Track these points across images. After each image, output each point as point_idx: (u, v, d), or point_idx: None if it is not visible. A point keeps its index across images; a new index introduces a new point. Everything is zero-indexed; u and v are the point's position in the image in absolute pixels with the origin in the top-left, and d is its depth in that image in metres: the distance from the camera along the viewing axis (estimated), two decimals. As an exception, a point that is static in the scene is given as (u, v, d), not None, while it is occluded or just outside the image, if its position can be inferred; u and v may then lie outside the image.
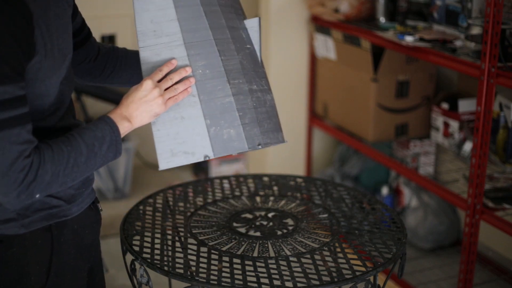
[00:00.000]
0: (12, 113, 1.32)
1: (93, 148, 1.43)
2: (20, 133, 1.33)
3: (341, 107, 3.29)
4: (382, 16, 3.03)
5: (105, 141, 1.45)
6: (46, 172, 1.36)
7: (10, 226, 1.45)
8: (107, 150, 1.45)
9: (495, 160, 2.63)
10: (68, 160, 1.39)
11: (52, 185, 1.38)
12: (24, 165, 1.33)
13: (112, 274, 2.96)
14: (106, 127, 1.46)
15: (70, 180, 1.41)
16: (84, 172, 1.43)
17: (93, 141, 1.43)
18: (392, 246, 1.82)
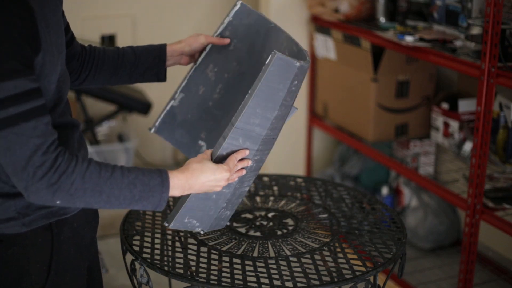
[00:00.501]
0: (25, 106, 1.31)
1: (132, 189, 1.39)
2: (36, 126, 1.32)
3: (341, 107, 3.29)
4: (382, 16, 3.03)
5: (148, 190, 1.40)
6: (71, 182, 1.33)
7: (11, 225, 1.45)
8: (147, 200, 1.41)
9: (495, 160, 2.63)
10: (98, 184, 1.36)
11: (75, 199, 1.35)
12: (43, 160, 1.31)
13: (112, 274, 2.96)
14: (157, 180, 1.41)
15: (96, 204, 1.38)
16: (114, 205, 1.39)
17: (137, 183, 1.39)
18: (392, 246, 1.82)
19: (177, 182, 1.44)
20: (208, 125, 1.87)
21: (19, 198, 1.44)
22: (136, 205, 1.41)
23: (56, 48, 1.43)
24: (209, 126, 1.87)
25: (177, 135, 1.86)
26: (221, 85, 1.86)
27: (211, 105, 1.87)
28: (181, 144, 1.88)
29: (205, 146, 1.87)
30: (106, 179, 1.36)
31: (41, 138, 1.32)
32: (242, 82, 1.83)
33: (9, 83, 1.30)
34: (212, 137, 1.86)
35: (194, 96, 1.86)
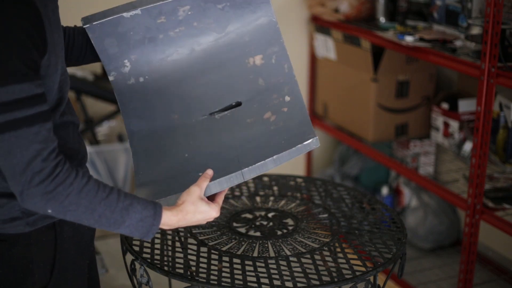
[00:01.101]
0: (30, 111, 1.31)
1: (124, 215, 1.39)
2: (39, 131, 1.32)
3: (341, 107, 3.29)
4: (382, 16, 3.03)
5: (140, 219, 1.41)
6: (66, 194, 1.34)
7: (15, 224, 1.45)
8: (135, 228, 1.42)
9: (495, 160, 2.63)
10: (93, 202, 1.36)
11: (67, 212, 1.35)
12: (42, 167, 1.31)
13: (112, 274, 2.96)
14: (150, 212, 1.43)
15: (86, 221, 1.38)
16: (102, 225, 1.39)
17: (130, 209, 1.40)
18: (392, 246, 1.82)
19: (167, 221, 1.45)
20: (144, 49, 1.74)
21: None
22: (124, 230, 1.41)
23: (59, 47, 1.44)
24: (145, 50, 1.74)
25: (106, 42, 1.71)
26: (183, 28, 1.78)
27: (161, 38, 1.75)
28: (104, 53, 1.72)
29: (129, 68, 1.73)
30: (101, 199, 1.37)
31: (42, 144, 1.32)
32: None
33: (16, 87, 1.30)
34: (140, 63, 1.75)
35: (149, 19, 1.73)
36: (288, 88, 1.76)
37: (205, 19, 1.70)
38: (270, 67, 1.77)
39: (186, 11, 1.67)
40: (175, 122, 1.71)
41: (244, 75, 1.76)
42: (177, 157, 1.69)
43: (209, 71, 1.75)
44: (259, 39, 1.77)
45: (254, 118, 1.73)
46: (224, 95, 1.75)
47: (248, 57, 1.76)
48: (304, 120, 1.70)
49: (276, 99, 1.75)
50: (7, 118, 1.30)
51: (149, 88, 1.71)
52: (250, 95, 1.75)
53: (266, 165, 1.58)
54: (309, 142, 1.61)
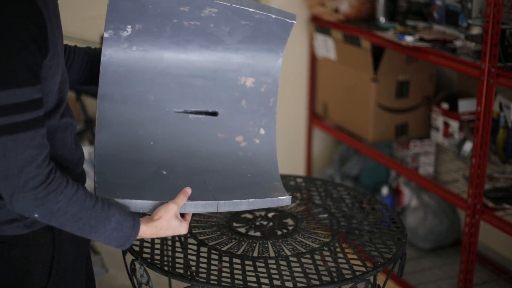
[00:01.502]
0: (27, 116, 1.32)
1: (107, 224, 1.43)
2: (34, 136, 1.33)
3: (341, 107, 3.29)
4: (382, 16, 3.03)
5: (120, 229, 1.45)
6: (56, 201, 1.36)
7: (13, 226, 1.45)
8: (114, 238, 1.46)
9: (495, 160, 2.63)
10: (80, 211, 1.39)
11: (53, 218, 1.38)
12: (37, 173, 1.33)
13: (112, 274, 2.96)
14: (130, 223, 1.47)
15: (69, 227, 1.41)
16: (83, 233, 1.43)
17: (112, 219, 1.44)
18: (392, 246, 1.82)
19: (142, 233, 1.51)
20: (153, 24, 1.71)
21: None
22: (104, 239, 1.45)
23: (59, 46, 1.44)
24: (152, 26, 1.71)
25: (122, 2, 1.65)
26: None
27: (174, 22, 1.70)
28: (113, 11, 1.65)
29: (129, 33, 1.69)
30: (88, 209, 1.40)
31: (37, 149, 1.33)
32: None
33: (16, 91, 1.30)
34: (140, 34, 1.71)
35: (174, 3, 1.72)
36: (266, 121, 1.83)
37: (223, 26, 1.73)
38: (257, 94, 1.82)
39: (211, 12, 1.69)
40: (148, 103, 1.72)
41: (230, 90, 1.80)
42: (142, 140, 1.71)
43: (200, 72, 1.77)
44: (259, 65, 1.82)
45: (225, 135, 1.79)
46: (204, 99, 1.78)
47: (241, 76, 1.81)
48: (272, 162, 1.82)
49: (252, 126, 1.82)
50: (5, 122, 1.30)
51: (137, 60, 1.71)
52: (229, 111, 1.80)
53: (240, 205, 1.67)
54: (283, 199, 1.73)
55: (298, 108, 3.54)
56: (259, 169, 1.80)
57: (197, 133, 1.76)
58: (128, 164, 1.66)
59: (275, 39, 1.79)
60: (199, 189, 1.65)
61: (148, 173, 1.66)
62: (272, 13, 1.73)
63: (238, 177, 1.75)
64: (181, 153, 1.73)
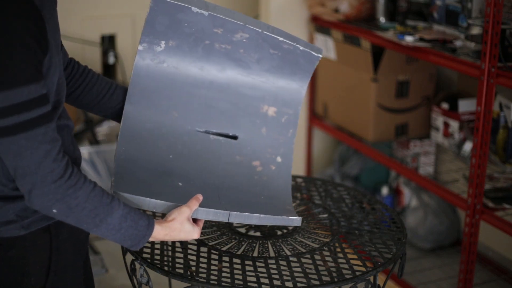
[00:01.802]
0: (37, 112, 1.33)
1: (123, 221, 1.44)
2: (46, 131, 1.34)
3: (341, 107, 3.29)
4: (382, 16, 3.03)
5: (135, 227, 1.46)
6: (75, 196, 1.37)
7: (10, 228, 1.45)
8: (129, 236, 1.46)
9: (495, 160, 2.63)
10: (98, 207, 1.40)
11: (71, 214, 1.38)
12: (54, 167, 1.34)
13: (112, 274, 2.96)
14: (145, 222, 1.48)
15: (85, 224, 1.41)
16: (99, 230, 1.43)
17: (128, 217, 1.45)
18: (392, 246, 1.82)
19: (156, 235, 1.51)
20: (186, 43, 1.74)
21: (18, 201, 1.44)
22: (118, 237, 1.45)
23: (55, 48, 1.44)
24: (185, 44, 1.74)
25: (159, 18, 1.69)
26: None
27: (206, 43, 1.75)
28: (150, 25, 1.69)
29: (162, 49, 1.73)
30: (105, 205, 1.41)
31: (50, 144, 1.34)
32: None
33: (24, 89, 1.31)
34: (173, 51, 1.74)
35: (209, 24, 1.76)
36: (283, 150, 1.88)
37: (252, 53, 1.77)
38: (278, 123, 1.87)
39: (242, 37, 1.73)
40: (173, 119, 1.75)
41: (252, 117, 1.85)
42: (162, 153, 1.74)
43: (224, 96, 1.82)
44: (283, 95, 1.86)
45: (243, 158, 1.83)
46: (226, 122, 1.82)
47: (264, 104, 1.85)
48: (286, 189, 1.85)
49: (269, 154, 1.86)
50: (16, 120, 1.31)
51: (167, 76, 1.75)
52: (249, 136, 1.85)
53: (251, 218, 1.71)
54: (294, 219, 1.77)
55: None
56: (272, 193, 1.84)
57: (216, 153, 1.81)
58: (146, 172, 1.68)
59: (300, 71, 1.84)
60: (212, 202, 1.69)
61: (164, 181, 1.69)
62: (300, 45, 1.78)
63: (251, 196, 1.80)
64: (198, 170, 1.77)
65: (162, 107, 1.74)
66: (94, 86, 1.70)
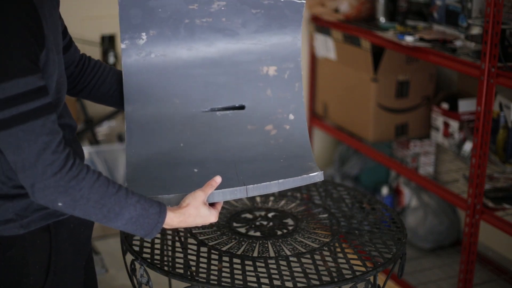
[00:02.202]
0: (35, 104, 1.32)
1: (132, 211, 1.41)
2: (45, 123, 1.33)
3: (341, 107, 3.29)
4: (382, 16, 3.03)
5: (146, 216, 1.43)
6: (79, 188, 1.35)
7: (9, 227, 1.45)
8: (141, 225, 1.43)
9: (495, 160, 2.63)
10: (103, 197, 1.37)
11: (77, 206, 1.36)
12: (54, 159, 1.32)
13: (112, 274, 2.96)
14: (156, 209, 1.44)
15: (94, 216, 1.39)
16: (109, 221, 1.40)
17: (137, 206, 1.41)
18: (392, 246, 1.82)
19: (169, 221, 1.47)
20: (166, 28, 1.71)
21: (17, 199, 1.44)
22: (130, 227, 1.42)
23: (55, 47, 1.44)
24: (166, 29, 1.71)
25: (132, 11, 1.67)
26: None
27: (186, 22, 1.73)
28: (125, 21, 1.67)
29: (145, 41, 1.70)
30: (112, 195, 1.38)
31: (49, 135, 1.33)
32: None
33: (20, 81, 1.30)
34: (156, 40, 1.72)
35: (182, 3, 1.73)
36: (294, 106, 1.82)
37: (235, 19, 1.72)
38: (282, 81, 1.80)
39: (220, 6, 1.69)
40: (175, 106, 1.71)
41: (254, 82, 1.78)
42: (172, 143, 1.70)
43: (221, 69, 1.76)
44: (279, 52, 1.80)
45: (255, 126, 1.76)
46: (229, 95, 1.76)
47: (262, 66, 1.79)
48: (305, 144, 1.76)
49: (280, 114, 1.79)
50: (13, 113, 1.30)
51: (158, 66, 1.71)
52: (255, 102, 1.78)
53: (270, 187, 1.63)
54: (315, 175, 1.67)
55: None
56: (292, 154, 1.75)
57: (226, 129, 1.75)
58: (159, 169, 1.65)
59: (289, 22, 1.79)
60: (230, 181, 1.63)
61: (179, 173, 1.65)
62: None
63: (270, 163, 1.71)
64: (211, 150, 1.71)
65: (162, 98, 1.71)
66: (106, 79, 1.71)
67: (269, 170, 1.69)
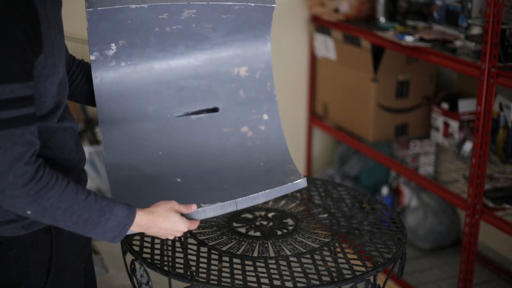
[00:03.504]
0: (17, 112, 1.31)
1: (101, 215, 1.41)
2: (23, 134, 1.32)
3: (341, 107, 3.29)
4: (382, 16, 3.03)
5: (114, 219, 1.43)
6: (48, 198, 1.34)
7: (10, 227, 1.45)
8: (110, 229, 1.43)
9: (495, 160, 2.63)
10: (73, 205, 1.37)
11: (46, 214, 1.36)
12: (26, 170, 1.32)
13: (112, 274, 2.96)
14: (125, 212, 1.44)
15: (63, 223, 1.39)
16: (78, 227, 1.40)
17: (106, 210, 1.42)
18: (392, 246, 1.82)
19: (139, 221, 1.47)
20: (135, 37, 1.71)
21: None
22: (98, 232, 1.42)
23: (58, 49, 1.43)
24: (135, 38, 1.71)
25: (101, 24, 1.67)
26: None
27: (156, 31, 1.72)
28: (94, 34, 1.67)
29: (114, 51, 1.70)
30: (81, 202, 1.38)
31: (25, 146, 1.33)
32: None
33: (6, 87, 1.30)
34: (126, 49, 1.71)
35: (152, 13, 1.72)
36: (267, 106, 1.82)
37: (205, 24, 1.72)
38: (253, 81, 1.81)
39: (190, 13, 1.69)
40: (148, 114, 1.71)
41: (226, 83, 1.79)
42: (149, 152, 1.70)
43: (193, 73, 1.77)
44: (249, 52, 1.80)
45: (231, 129, 1.78)
46: (203, 98, 1.77)
47: (233, 67, 1.79)
48: (282, 145, 1.79)
49: (255, 114, 1.80)
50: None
51: (128, 75, 1.71)
52: (229, 104, 1.79)
53: (258, 198, 1.66)
54: (299, 182, 1.71)
55: (298, 108, 3.54)
56: (270, 156, 1.78)
57: (202, 133, 1.76)
58: (141, 181, 1.65)
59: (259, 25, 1.78)
60: (215, 190, 1.65)
61: (163, 186, 1.65)
62: (250, 2, 1.73)
63: (252, 168, 1.74)
64: (191, 156, 1.72)
65: (135, 107, 1.70)
66: (90, 78, 1.70)
67: (251, 176, 1.71)
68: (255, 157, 1.76)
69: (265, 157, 1.77)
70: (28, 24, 1.31)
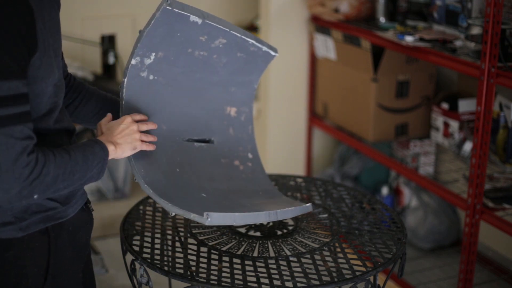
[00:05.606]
0: (16, 109, 1.32)
1: (87, 160, 1.46)
2: (23, 129, 1.33)
3: (341, 107, 3.29)
4: (382, 16, 3.03)
5: (96, 157, 1.48)
6: (48, 173, 1.37)
7: (8, 229, 1.44)
8: (96, 166, 1.48)
9: (495, 160, 2.63)
10: (66, 167, 1.41)
11: (50, 188, 1.39)
12: (28, 160, 1.33)
13: (112, 274, 2.96)
14: (97, 146, 1.50)
15: (63, 187, 1.42)
16: (76, 182, 1.45)
17: (88, 154, 1.47)
18: (392, 246, 1.82)
19: (106, 142, 1.53)
20: (172, 52, 1.75)
21: None
22: (90, 176, 1.47)
23: (53, 51, 1.43)
24: (171, 54, 1.75)
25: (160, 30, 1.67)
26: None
27: (188, 52, 1.78)
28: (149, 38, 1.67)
29: (151, 61, 1.73)
30: (67, 162, 1.42)
31: (27, 140, 1.34)
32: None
33: (4, 83, 1.30)
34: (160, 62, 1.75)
35: (198, 32, 1.76)
36: (250, 146, 1.96)
37: (222, 58, 1.81)
38: (240, 122, 1.95)
39: (221, 43, 1.77)
40: (163, 133, 1.76)
41: (220, 119, 1.91)
42: (170, 168, 1.75)
43: (198, 102, 1.85)
44: (240, 96, 1.93)
45: (227, 160, 1.89)
46: (201, 128, 1.87)
47: (227, 105, 1.92)
48: (268, 183, 1.95)
49: (242, 152, 1.94)
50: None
51: (152, 89, 1.75)
52: (222, 139, 1.91)
53: (287, 213, 1.80)
54: (308, 206, 1.87)
55: (298, 108, 3.54)
56: (263, 188, 1.90)
57: (205, 159, 1.85)
58: (175, 189, 1.72)
59: (256, 71, 1.91)
60: (242, 206, 1.75)
61: (194, 196, 1.73)
62: (263, 46, 1.84)
63: (254, 196, 1.85)
64: (204, 178, 1.81)
65: (155, 121, 1.74)
66: (88, 102, 1.72)
67: (259, 203, 1.82)
68: (252, 188, 1.88)
69: (260, 188, 1.89)
70: (22, 23, 1.32)
